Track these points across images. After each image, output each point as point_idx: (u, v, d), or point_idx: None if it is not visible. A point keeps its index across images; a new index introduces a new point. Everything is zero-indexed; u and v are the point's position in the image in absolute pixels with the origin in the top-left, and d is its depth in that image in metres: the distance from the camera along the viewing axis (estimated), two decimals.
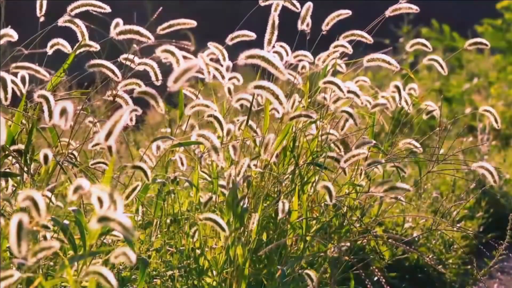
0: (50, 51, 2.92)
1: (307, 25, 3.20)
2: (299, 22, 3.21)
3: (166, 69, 2.81)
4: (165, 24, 3.01)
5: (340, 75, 3.56)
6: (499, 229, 4.48)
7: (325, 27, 3.23)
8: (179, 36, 3.13)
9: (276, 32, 3.03)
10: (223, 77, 3.09)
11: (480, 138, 5.61)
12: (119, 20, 2.90)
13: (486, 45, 3.35)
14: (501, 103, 7.49)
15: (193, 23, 3.02)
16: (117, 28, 2.81)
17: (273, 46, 3.05)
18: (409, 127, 3.57)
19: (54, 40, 2.92)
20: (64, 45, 2.92)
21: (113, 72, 2.80)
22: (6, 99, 2.60)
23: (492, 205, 4.99)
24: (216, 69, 3.09)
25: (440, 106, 3.50)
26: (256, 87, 2.66)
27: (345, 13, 3.23)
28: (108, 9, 2.90)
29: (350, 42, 3.24)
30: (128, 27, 2.80)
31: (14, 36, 2.83)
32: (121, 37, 2.80)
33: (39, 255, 2.04)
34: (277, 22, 3.03)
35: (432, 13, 9.34)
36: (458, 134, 5.29)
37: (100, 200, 2.01)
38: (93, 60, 2.81)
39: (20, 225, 1.90)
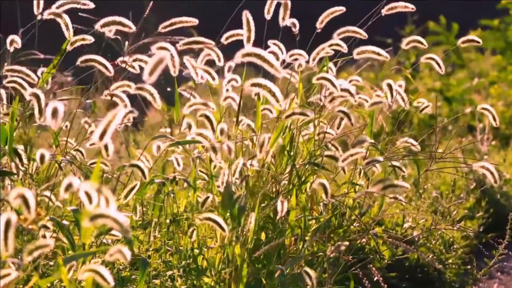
0: (10, 48, 2.92)
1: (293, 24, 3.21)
2: (280, 18, 3.20)
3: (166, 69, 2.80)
4: (167, 22, 3.01)
5: (344, 73, 3.56)
6: (499, 229, 4.48)
7: (319, 24, 3.23)
8: (182, 34, 3.13)
9: (253, 30, 3.04)
10: (213, 78, 3.11)
11: (480, 138, 5.61)
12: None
13: (478, 42, 3.36)
14: (501, 103, 7.49)
15: (194, 21, 3.02)
16: (101, 21, 2.83)
17: (268, 46, 3.06)
18: (407, 126, 3.57)
19: (12, 37, 2.93)
20: (16, 41, 2.92)
21: (106, 67, 2.81)
22: None
23: (492, 205, 4.99)
24: (206, 71, 3.10)
25: (439, 105, 3.49)
26: (253, 84, 2.66)
27: (339, 10, 3.22)
28: (91, 5, 2.91)
29: (347, 40, 3.23)
30: (110, 18, 2.81)
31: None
32: (105, 29, 2.81)
33: (34, 254, 2.05)
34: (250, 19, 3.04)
35: (435, 14, 9.34)
36: (458, 134, 5.29)
37: (88, 196, 2.02)
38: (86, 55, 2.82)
39: (8, 223, 1.91)
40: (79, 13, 2.96)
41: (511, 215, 3.62)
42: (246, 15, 3.02)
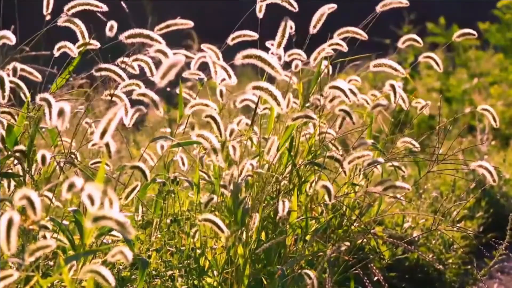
0: (57, 54, 2.93)
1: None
2: (311, 26, 3.19)
3: None
4: (163, 24, 3.01)
5: (343, 74, 3.55)
6: (499, 229, 4.48)
7: (316, 23, 3.22)
8: (183, 36, 3.13)
9: (287, 36, 3.03)
10: (230, 76, 3.09)
11: (480, 138, 5.61)
12: (113, 23, 2.90)
13: (474, 35, 3.35)
14: (501, 103, 7.49)
15: (190, 23, 3.01)
16: (127, 32, 2.81)
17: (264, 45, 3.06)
18: (408, 127, 3.57)
19: (62, 43, 2.92)
20: (71, 48, 2.92)
21: (120, 76, 2.81)
22: (3, 97, 2.61)
23: (492, 205, 4.99)
24: (224, 68, 3.09)
25: (440, 106, 3.50)
26: (255, 87, 2.66)
27: (331, 7, 3.20)
28: (105, 7, 2.90)
29: (349, 40, 3.23)
30: (138, 31, 2.80)
31: (12, 38, 2.84)
32: (130, 40, 2.80)
33: (36, 254, 2.05)
34: (292, 25, 3.03)
35: (433, 13, 9.34)
36: (458, 134, 5.29)
37: (91, 198, 2.02)
38: (99, 63, 2.81)
39: (10, 223, 1.91)
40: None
41: (511, 216, 3.62)
42: (286, 21, 3.01)
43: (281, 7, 3.16)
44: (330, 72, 3.34)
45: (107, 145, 2.43)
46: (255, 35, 3.09)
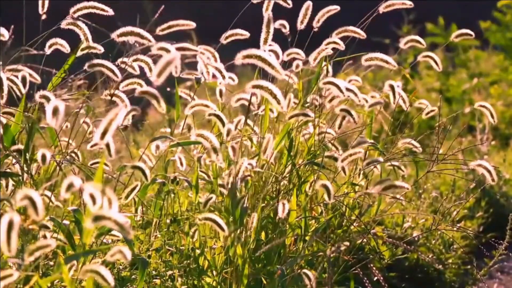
0: (48, 51, 2.93)
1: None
2: (298, 21, 3.20)
3: None
4: (165, 25, 3.01)
5: (342, 74, 3.55)
6: (499, 229, 4.48)
7: (315, 24, 3.23)
8: (182, 36, 3.13)
9: (271, 31, 3.03)
10: (223, 77, 3.09)
11: (480, 138, 5.61)
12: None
13: (471, 35, 3.35)
14: (501, 103, 7.49)
15: (192, 24, 3.02)
16: (118, 30, 2.81)
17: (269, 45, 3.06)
18: (408, 127, 3.58)
19: (53, 40, 2.92)
20: (63, 45, 2.92)
21: (113, 72, 2.81)
22: (2, 97, 2.61)
23: (492, 205, 4.99)
24: (217, 68, 3.08)
25: (439, 106, 3.50)
26: (254, 86, 2.66)
27: (334, 8, 3.21)
28: (111, 11, 2.91)
29: (344, 40, 3.23)
30: (129, 29, 2.80)
31: (5, 35, 2.84)
32: (122, 38, 2.80)
33: (36, 254, 2.05)
34: (272, 21, 3.04)
35: (432, 13, 9.34)
36: (458, 134, 5.29)
37: (92, 197, 2.02)
38: (94, 60, 2.81)
39: (10, 224, 1.91)
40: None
41: (511, 215, 3.62)
42: (269, 16, 3.01)
43: (282, 8, 3.16)
44: (331, 72, 3.34)
45: (107, 145, 2.42)
46: (247, 34, 3.10)
